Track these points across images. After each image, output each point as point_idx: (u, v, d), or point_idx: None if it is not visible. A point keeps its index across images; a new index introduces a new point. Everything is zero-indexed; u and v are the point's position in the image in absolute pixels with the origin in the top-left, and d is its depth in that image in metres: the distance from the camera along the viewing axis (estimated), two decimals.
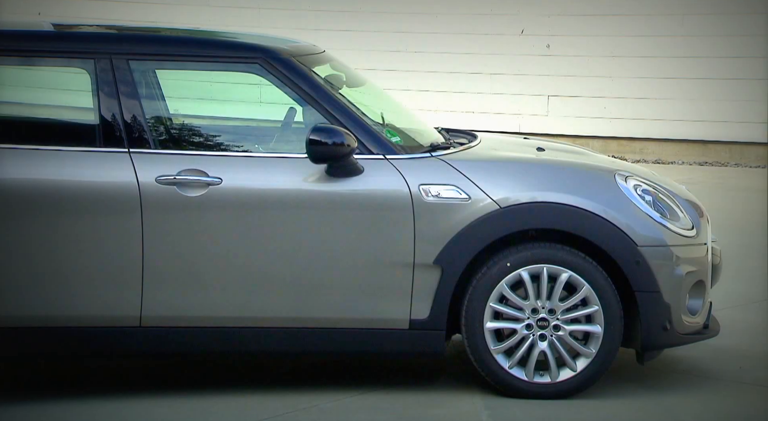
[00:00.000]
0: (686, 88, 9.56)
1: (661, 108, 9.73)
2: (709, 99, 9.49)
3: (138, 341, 4.03)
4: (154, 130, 4.13)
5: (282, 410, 4.09)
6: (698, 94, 9.52)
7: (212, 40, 4.46)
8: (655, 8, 9.53)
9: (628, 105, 9.86)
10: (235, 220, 4.04)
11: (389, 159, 4.20)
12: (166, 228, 4.01)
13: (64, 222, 3.97)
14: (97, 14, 8.56)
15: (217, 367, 4.56)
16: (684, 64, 9.50)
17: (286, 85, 4.19)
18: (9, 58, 4.12)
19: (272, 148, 4.32)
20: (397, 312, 4.16)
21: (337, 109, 4.19)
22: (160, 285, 4.02)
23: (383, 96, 4.82)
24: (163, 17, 8.79)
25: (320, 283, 4.11)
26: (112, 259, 3.99)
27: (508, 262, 4.20)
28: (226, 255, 4.04)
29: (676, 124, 9.71)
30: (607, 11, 9.69)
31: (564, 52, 9.86)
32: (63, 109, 4.50)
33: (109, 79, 4.08)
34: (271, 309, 4.10)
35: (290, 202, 4.08)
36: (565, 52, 9.85)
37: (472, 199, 4.19)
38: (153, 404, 4.12)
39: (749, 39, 9.17)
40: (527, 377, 4.22)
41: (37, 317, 3.96)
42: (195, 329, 4.05)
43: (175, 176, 4.05)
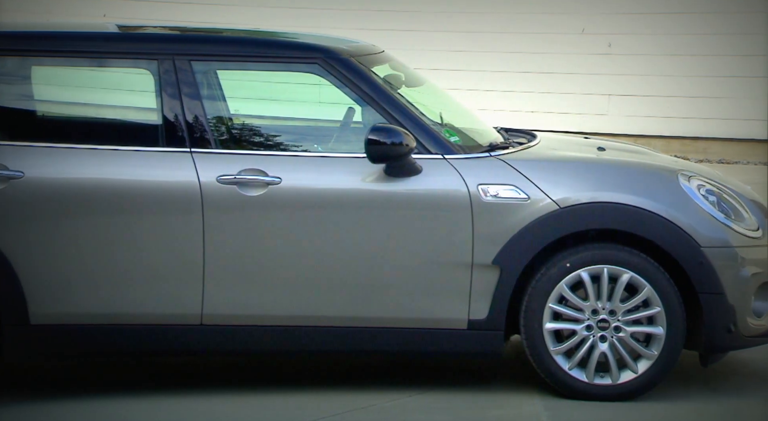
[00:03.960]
0: (751, 87, 9.38)
1: (725, 107, 9.56)
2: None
3: (199, 339, 4.07)
4: (215, 130, 4.17)
5: (340, 409, 4.10)
6: (765, 93, 9.34)
7: (272, 41, 4.49)
8: (717, 6, 9.37)
9: (691, 104, 9.71)
10: (294, 219, 4.07)
11: (448, 159, 4.19)
12: (227, 227, 4.04)
13: (127, 221, 4.03)
14: (161, 16, 8.68)
15: (276, 365, 4.59)
16: (750, 62, 9.32)
17: (345, 85, 4.20)
18: (75, 59, 4.19)
19: (331, 148, 4.33)
20: (456, 312, 4.15)
21: (395, 108, 4.20)
22: (220, 284, 4.06)
23: (442, 96, 4.81)
24: (222, 18, 8.88)
25: (378, 282, 4.12)
26: (174, 258, 4.03)
27: (568, 262, 4.16)
28: (285, 254, 4.07)
29: (740, 123, 9.54)
30: (668, 9, 9.55)
31: (625, 50, 9.74)
32: (127, 110, 4.57)
33: (172, 79, 4.13)
34: (329, 308, 4.11)
35: (349, 201, 4.09)
36: (627, 50, 9.74)
37: (531, 199, 4.16)
38: (212, 400, 4.16)
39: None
40: (587, 379, 4.18)
41: (100, 315, 4.02)
42: (255, 328, 4.08)
43: (236, 176, 4.08)
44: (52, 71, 4.34)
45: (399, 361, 4.64)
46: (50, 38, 4.23)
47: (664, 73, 9.67)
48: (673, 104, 9.74)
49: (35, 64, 4.18)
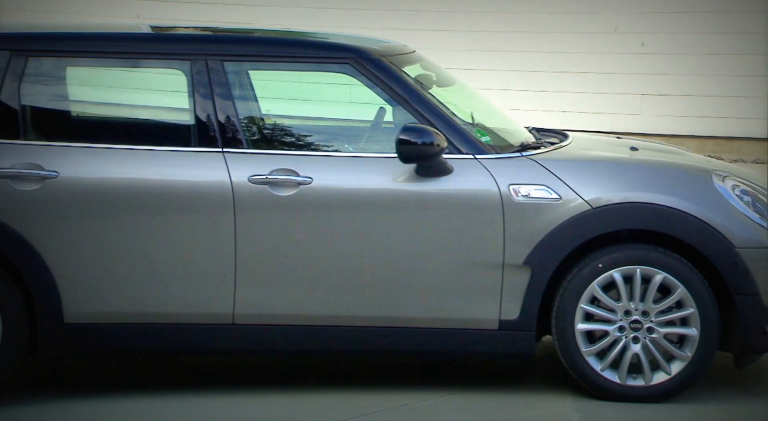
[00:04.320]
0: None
1: (761, 107, 9.45)
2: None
3: (230, 339, 4.08)
4: (246, 130, 4.19)
5: (371, 408, 4.10)
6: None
7: (304, 41, 4.50)
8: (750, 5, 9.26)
9: (725, 103, 9.61)
10: (324, 219, 4.07)
11: (479, 159, 4.18)
12: (258, 227, 4.05)
13: (159, 221, 4.05)
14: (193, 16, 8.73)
15: (307, 364, 4.60)
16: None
17: (376, 85, 4.20)
18: (109, 59, 4.23)
19: (362, 148, 4.33)
20: (487, 312, 4.14)
21: (427, 108, 4.19)
22: (252, 283, 4.07)
23: (473, 95, 4.80)
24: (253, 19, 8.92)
25: (409, 282, 4.12)
26: (206, 257, 4.05)
27: (600, 263, 4.14)
28: (316, 254, 4.08)
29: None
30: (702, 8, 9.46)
31: (658, 49, 9.66)
32: (160, 110, 4.61)
33: (204, 80, 4.15)
34: (360, 308, 4.12)
35: (380, 201, 4.10)
36: (660, 49, 9.66)
37: (563, 200, 4.14)
38: (242, 399, 4.18)
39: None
40: (620, 380, 4.16)
41: (133, 314, 4.05)
42: (286, 327, 4.10)
43: (267, 176, 4.10)
44: (86, 72, 4.38)
45: (430, 361, 4.63)
46: (84, 39, 4.27)
47: (697, 72, 9.58)
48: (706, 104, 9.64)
49: (70, 64, 4.22)
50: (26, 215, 4.01)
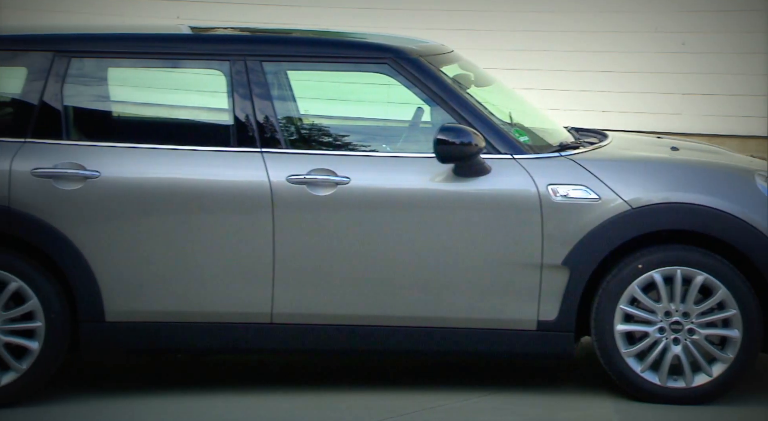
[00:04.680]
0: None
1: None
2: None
3: (269, 337, 4.10)
4: (285, 130, 4.21)
5: (408, 409, 4.10)
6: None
7: (342, 41, 4.51)
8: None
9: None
10: (362, 219, 4.08)
11: (517, 159, 4.16)
12: (297, 226, 4.07)
13: (198, 220, 4.08)
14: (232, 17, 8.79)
15: (344, 364, 4.61)
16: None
17: (414, 85, 4.20)
18: (150, 60, 4.26)
19: (400, 147, 4.33)
20: (525, 313, 4.12)
21: (465, 108, 4.18)
22: (290, 283, 4.09)
23: (512, 95, 4.78)
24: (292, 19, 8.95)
25: (447, 282, 4.11)
26: (245, 256, 4.07)
27: (640, 263, 4.10)
28: (354, 254, 4.08)
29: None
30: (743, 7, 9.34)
31: (699, 49, 9.56)
32: (199, 110, 4.64)
33: (243, 80, 4.18)
34: (398, 308, 4.12)
35: (417, 201, 4.09)
36: (701, 49, 9.55)
37: (602, 200, 4.11)
38: (280, 398, 4.20)
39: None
40: (660, 382, 4.12)
41: (173, 313, 4.08)
42: (324, 327, 4.11)
43: (305, 176, 4.11)
44: (127, 72, 4.42)
45: (467, 361, 4.62)
46: (126, 40, 4.31)
47: (739, 71, 9.46)
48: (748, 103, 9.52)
49: (111, 65, 4.26)
50: (68, 214, 4.05)
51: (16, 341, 4.05)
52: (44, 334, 4.04)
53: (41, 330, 4.05)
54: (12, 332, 4.05)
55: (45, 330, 4.04)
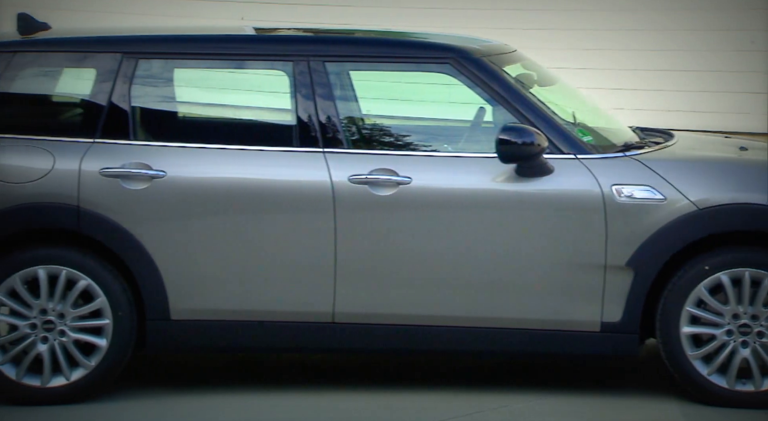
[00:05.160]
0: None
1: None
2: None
3: (330, 337, 4.12)
4: (347, 130, 4.22)
5: (470, 409, 4.09)
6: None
7: (405, 41, 4.52)
8: None
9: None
10: (424, 219, 4.08)
11: (581, 159, 4.12)
12: (358, 226, 4.08)
13: (262, 220, 4.11)
14: (295, 18, 8.85)
15: (406, 364, 4.62)
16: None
17: (476, 85, 4.19)
18: (215, 61, 4.32)
19: (461, 147, 4.32)
20: (588, 314, 4.08)
21: (527, 108, 4.16)
22: (352, 282, 4.10)
23: (575, 95, 4.74)
24: (355, 20, 8.98)
25: (509, 283, 4.09)
26: (307, 256, 4.09)
27: (707, 265, 4.04)
28: (415, 254, 4.09)
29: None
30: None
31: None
32: (263, 111, 4.68)
33: (306, 80, 4.20)
34: (460, 308, 4.11)
35: (479, 201, 4.08)
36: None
37: (667, 200, 4.06)
38: (341, 398, 4.21)
39: None
40: (728, 385, 4.05)
41: (236, 311, 4.12)
42: (385, 327, 4.11)
43: (367, 176, 4.12)
44: (192, 73, 4.48)
45: (530, 362, 4.59)
46: (192, 41, 4.36)
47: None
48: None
49: (177, 66, 4.32)
50: (135, 213, 4.11)
51: (85, 338, 4.13)
52: (112, 331, 4.11)
53: (109, 328, 4.12)
54: (81, 330, 4.13)
55: (112, 328, 4.11)
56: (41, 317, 4.11)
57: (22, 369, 4.10)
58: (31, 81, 4.26)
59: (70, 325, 4.11)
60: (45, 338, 4.10)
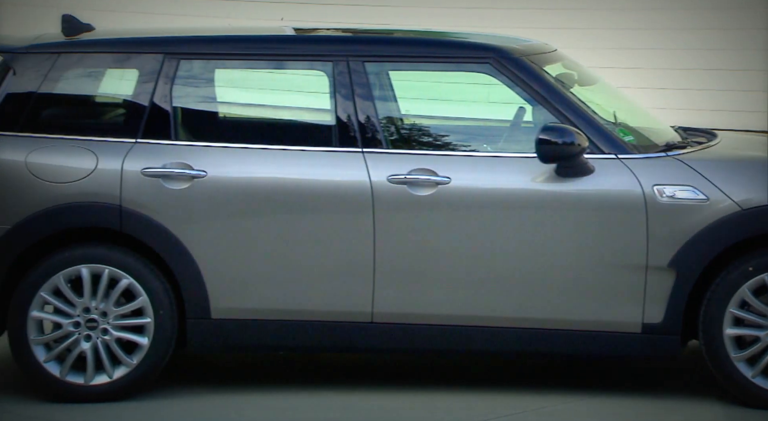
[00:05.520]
0: None
1: None
2: None
3: (369, 337, 4.13)
4: (386, 130, 4.23)
5: (509, 409, 4.07)
6: None
7: (444, 41, 4.51)
8: None
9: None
10: (463, 219, 4.07)
11: (622, 159, 4.09)
12: (397, 226, 4.09)
13: (301, 220, 4.12)
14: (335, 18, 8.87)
15: (444, 364, 4.61)
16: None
17: (516, 85, 4.17)
18: (255, 61, 4.34)
19: (501, 147, 4.31)
20: (629, 315, 4.05)
21: (568, 108, 4.14)
22: (390, 282, 4.11)
23: (616, 94, 4.70)
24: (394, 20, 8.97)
25: (548, 284, 4.07)
26: (346, 256, 4.10)
27: (750, 266, 3.99)
28: (454, 254, 4.08)
29: None
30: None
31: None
32: (302, 111, 4.69)
33: (346, 81, 4.21)
34: (499, 309, 4.10)
35: (518, 202, 4.06)
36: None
37: (710, 201, 4.02)
38: (380, 397, 4.21)
39: None
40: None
41: (275, 310, 4.13)
42: (424, 327, 4.11)
43: (406, 176, 4.12)
44: (233, 73, 4.50)
45: (570, 363, 4.56)
46: (232, 42, 4.39)
47: None
48: None
49: (218, 66, 4.35)
50: (176, 213, 4.14)
51: (127, 336, 4.17)
52: (153, 330, 4.15)
53: (150, 326, 4.15)
54: (123, 328, 4.17)
55: (154, 326, 4.15)
56: (84, 316, 4.15)
57: (66, 367, 4.14)
58: (75, 82, 4.30)
59: (112, 323, 4.15)
60: (88, 336, 4.15)
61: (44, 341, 4.15)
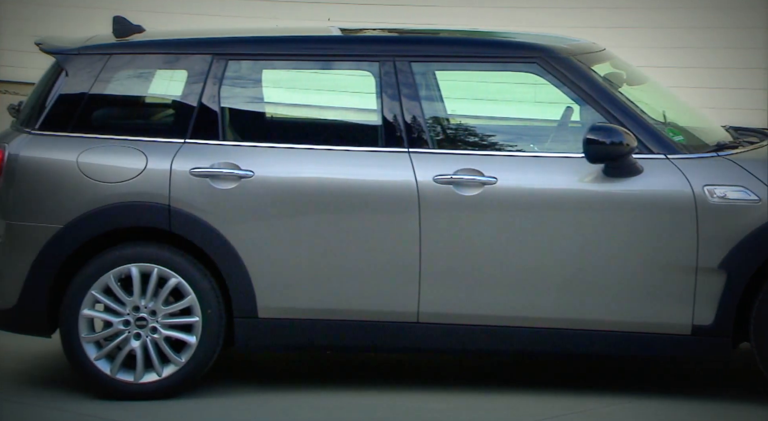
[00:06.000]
0: None
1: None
2: None
3: (415, 337, 4.12)
4: (432, 130, 4.22)
5: (555, 411, 4.05)
6: None
7: (491, 41, 4.50)
8: None
9: None
10: (509, 219, 4.06)
11: (671, 159, 4.05)
12: (443, 226, 4.08)
13: (347, 219, 4.13)
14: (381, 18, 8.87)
15: (487, 365, 4.59)
16: None
17: (564, 85, 4.15)
18: (302, 62, 4.35)
19: (547, 147, 4.28)
20: (678, 317, 4.01)
21: (616, 107, 4.10)
22: (436, 282, 4.10)
23: (666, 94, 4.66)
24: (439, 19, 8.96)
25: (596, 285, 4.04)
26: (392, 255, 4.10)
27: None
28: (500, 254, 4.07)
29: None
30: None
31: None
32: (348, 111, 4.70)
33: (392, 81, 4.21)
34: (544, 310, 4.08)
35: (566, 202, 4.04)
36: None
37: (762, 201, 3.97)
38: (426, 398, 4.21)
39: None
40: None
41: (322, 310, 4.15)
42: (470, 327, 4.10)
43: (452, 176, 4.12)
44: (280, 74, 4.53)
45: (617, 365, 4.52)
46: (280, 42, 4.41)
47: None
48: None
49: (266, 67, 4.38)
50: (224, 213, 4.17)
51: (176, 335, 4.20)
52: (201, 329, 4.18)
53: (198, 325, 4.18)
54: (172, 327, 4.20)
55: (202, 325, 4.18)
56: (134, 314, 4.19)
57: (116, 365, 4.19)
58: (126, 82, 4.35)
59: (161, 322, 4.19)
60: (138, 334, 4.19)
61: (95, 339, 4.20)
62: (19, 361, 4.57)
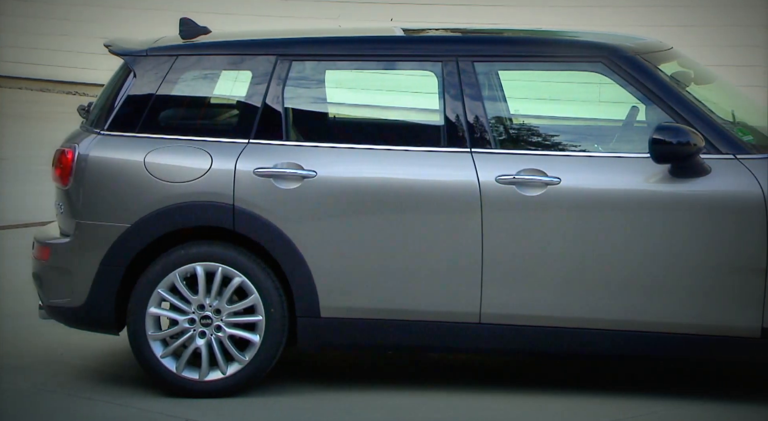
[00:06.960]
0: None
1: None
2: None
3: (477, 338, 4.11)
4: (494, 130, 4.20)
5: (619, 414, 4.00)
6: None
7: (556, 40, 4.46)
8: None
9: None
10: (573, 220, 4.02)
11: (740, 159, 3.98)
12: (505, 227, 4.06)
13: (409, 219, 4.13)
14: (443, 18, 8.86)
15: (552, 366, 4.55)
16: None
17: (630, 84, 4.10)
18: (365, 62, 4.37)
19: (612, 147, 4.23)
20: (747, 319, 3.94)
21: (683, 107, 4.04)
22: (499, 283, 4.08)
23: (735, 93, 4.57)
24: (501, 19, 8.92)
25: (661, 286, 3.99)
26: (453, 256, 4.09)
27: None
28: (564, 255, 4.03)
29: None
30: None
31: None
32: (411, 111, 4.70)
33: (455, 81, 4.20)
34: (609, 311, 4.03)
35: (631, 203, 3.99)
36: None
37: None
38: (486, 399, 4.19)
39: None
40: None
41: (383, 310, 4.15)
42: (533, 328, 4.07)
43: (515, 176, 4.09)
44: (343, 74, 4.54)
45: (683, 368, 4.45)
46: (343, 43, 4.43)
47: None
48: None
49: (329, 67, 4.39)
50: (287, 212, 4.19)
51: (240, 333, 4.24)
52: (264, 327, 4.21)
53: (261, 324, 4.21)
54: (236, 325, 4.24)
55: (265, 324, 4.21)
56: (199, 313, 4.24)
57: (182, 363, 4.24)
58: (192, 83, 4.40)
59: (225, 321, 4.23)
60: (203, 332, 4.23)
61: (161, 337, 4.25)
62: (88, 358, 4.66)
